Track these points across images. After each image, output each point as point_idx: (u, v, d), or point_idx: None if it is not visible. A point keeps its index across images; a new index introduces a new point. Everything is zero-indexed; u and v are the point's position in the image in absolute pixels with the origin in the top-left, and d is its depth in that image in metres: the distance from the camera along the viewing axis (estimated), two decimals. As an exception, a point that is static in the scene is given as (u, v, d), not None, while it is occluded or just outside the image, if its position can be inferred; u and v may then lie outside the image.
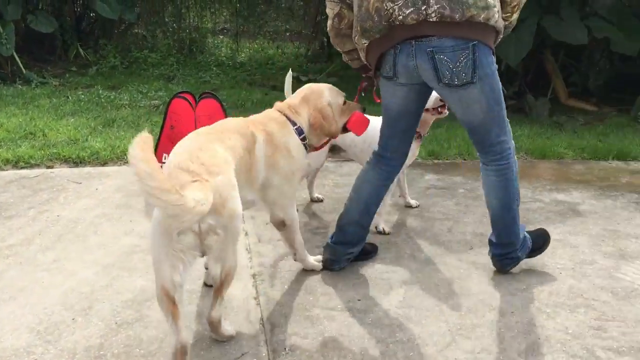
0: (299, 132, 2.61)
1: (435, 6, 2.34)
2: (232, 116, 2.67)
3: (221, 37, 11.26)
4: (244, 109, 6.43)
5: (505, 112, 2.62)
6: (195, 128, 3.79)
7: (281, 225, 2.69)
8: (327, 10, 2.77)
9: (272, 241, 3.19)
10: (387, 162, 2.84)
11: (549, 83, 7.03)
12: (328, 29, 2.79)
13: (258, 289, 2.71)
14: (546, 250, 3.02)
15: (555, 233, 3.35)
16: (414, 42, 2.44)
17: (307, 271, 2.88)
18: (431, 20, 2.36)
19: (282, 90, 3.66)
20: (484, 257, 3.07)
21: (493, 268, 2.93)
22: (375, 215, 3.00)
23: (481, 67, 2.43)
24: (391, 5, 2.42)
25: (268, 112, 2.64)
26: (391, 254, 3.10)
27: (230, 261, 2.16)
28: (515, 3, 2.48)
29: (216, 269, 2.13)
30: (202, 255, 2.09)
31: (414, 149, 3.44)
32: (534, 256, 2.94)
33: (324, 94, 2.70)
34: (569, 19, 6.42)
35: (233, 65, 9.37)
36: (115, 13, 8.60)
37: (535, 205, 3.84)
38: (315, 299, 2.63)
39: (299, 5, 10.57)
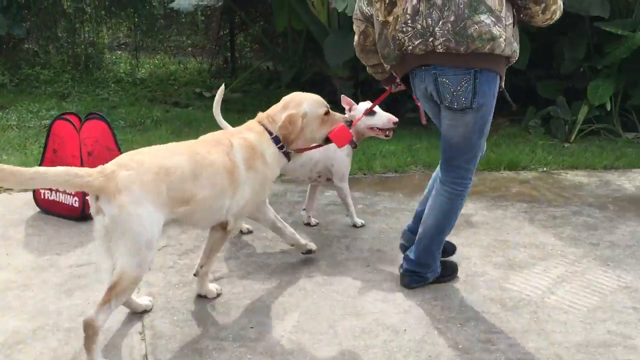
0: (276, 141, 2.68)
1: (442, 39, 2.46)
2: (127, 136, 2.54)
3: (119, 52, 10.86)
4: (144, 127, 6.19)
5: (481, 145, 2.74)
6: (80, 152, 3.60)
7: (223, 230, 2.68)
8: (354, 28, 2.88)
9: (162, 269, 3.04)
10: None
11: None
12: (354, 44, 2.92)
13: (144, 322, 2.56)
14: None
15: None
16: (423, 67, 2.59)
17: (199, 299, 2.76)
18: (438, 51, 2.49)
19: (185, 107, 3.54)
20: (379, 273, 3.07)
21: (389, 285, 2.94)
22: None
23: (481, 94, 2.53)
24: (402, 35, 2.55)
25: (248, 123, 2.75)
26: (288, 276, 3.04)
27: (123, 264, 2.16)
28: (547, 18, 2.54)
29: (108, 265, 2.19)
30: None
31: (346, 161, 3.43)
32: (435, 283, 2.97)
33: (302, 103, 2.74)
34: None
35: (133, 81, 9.05)
36: (2, 28, 8.11)
37: (431, 218, 3.91)
38: (205, 329, 2.52)
39: (201, 20, 10.39)
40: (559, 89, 6.55)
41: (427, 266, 2.89)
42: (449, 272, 3.03)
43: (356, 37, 2.90)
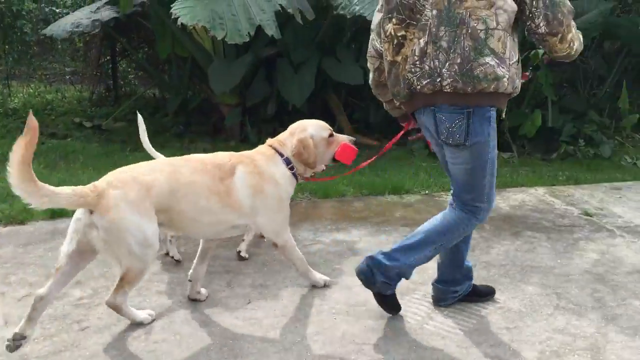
0: (287, 162, 3.00)
1: (449, 79, 2.54)
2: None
3: (-11, 82, 10.14)
4: (14, 162, 5.75)
5: (490, 181, 2.75)
6: None
7: (275, 246, 3.10)
8: (368, 65, 2.97)
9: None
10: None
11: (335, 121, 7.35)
12: (370, 81, 3.02)
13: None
14: (324, 294, 3.09)
15: (332, 275, 3.38)
16: (430, 107, 2.67)
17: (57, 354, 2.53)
18: (445, 91, 2.57)
19: (63, 137, 3.34)
20: (261, 310, 2.97)
21: (270, 321, 2.85)
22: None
23: (474, 133, 2.59)
24: (411, 75, 2.64)
25: (259, 147, 3.06)
26: (164, 320, 2.86)
27: (127, 261, 2.61)
28: (565, 47, 2.58)
29: (116, 266, 2.65)
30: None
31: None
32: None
33: (307, 128, 3.04)
34: (345, 61, 6.79)
35: (5, 112, 8.44)
36: None
37: (315, 247, 3.87)
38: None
39: (80, 47, 9.92)
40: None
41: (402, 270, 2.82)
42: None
43: (371, 74, 2.99)
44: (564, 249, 3.93)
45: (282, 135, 3.07)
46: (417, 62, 2.61)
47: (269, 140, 3.08)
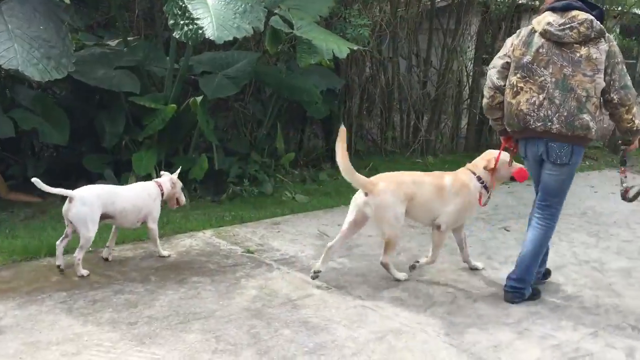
0: (479, 179, 4.35)
1: (557, 125, 3.78)
2: None
3: None
4: None
5: (568, 189, 4.04)
6: None
7: (438, 228, 4.32)
8: (485, 92, 4.13)
9: None
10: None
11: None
12: (484, 105, 4.17)
13: None
14: None
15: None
16: (537, 138, 3.90)
17: None
18: (552, 132, 3.81)
19: None
20: None
21: None
22: None
23: (574, 157, 3.87)
24: (529, 118, 3.85)
25: (460, 169, 4.46)
26: None
27: (387, 230, 4.17)
28: (629, 119, 3.83)
29: (380, 235, 4.27)
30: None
31: (159, 208, 4.67)
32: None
33: (492, 154, 4.37)
34: (-7, 112, 6.07)
35: None
36: None
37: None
38: None
39: None
40: (105, 162, 6.55)
41: (526, 282, 4.06)
42: (536, 294, 4.17)
43: (485, 100, 4.12)
44: (226, 290, 4.06)
45: (475, 162, 4.44)
46: (536, 110, 3.83)
47: (467, 165, 4.49)
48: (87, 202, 4.10)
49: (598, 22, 3.77)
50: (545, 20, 3.85)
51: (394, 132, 9.35)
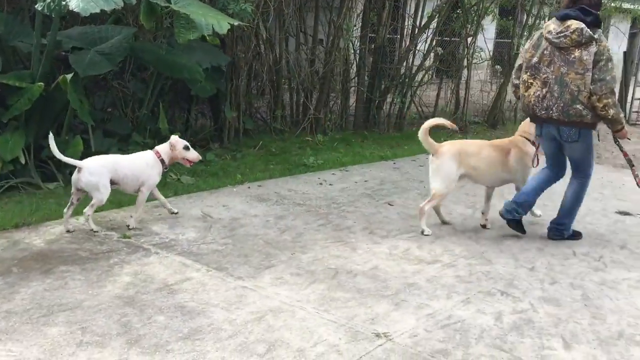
0: (532, 144, 5.13)
1: (556, 113, 4.68)
2: None
3: None
4: None
5: (592, 158, 4.92)
6: None
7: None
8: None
9: None
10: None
11: None
12: (513, 92, 5.28)
13: None
14: None
15: None
16: (546, 123, 4.83)
17: None
18: (553, 118, 4.72)
19: None
20: None
21: None
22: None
23: (582, 136, 4.72)
24: (535, 107, 4.80)
25: (515, 136, 5.29)
26: None
27: (436, 186, 5.04)
28: (600, 107, 4.58)
29: (432, 188, 5.11)
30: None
31: (157, 176, 5.02)
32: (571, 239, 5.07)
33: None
34: None
35: None
36: None
37: None
38: None
39: None
40: (-36, 146, 5.98)
41: (565, 225, 5.02)
42: (577, 235, 5.11)
43: (513, 89, 5.20)
44: (97, 278, 3.84)
45: (524, 127, 5.21)
46: (539, 101, 4.73)
47: (519, 131, 5.27)
48: (94, 171, 4.57)
49: (588, 30, 4.50)
50: (547, 28, 4.72)
51: (283, 110, 9.28)
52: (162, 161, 4.97)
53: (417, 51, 10.45)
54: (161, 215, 5.23)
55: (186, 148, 5.07)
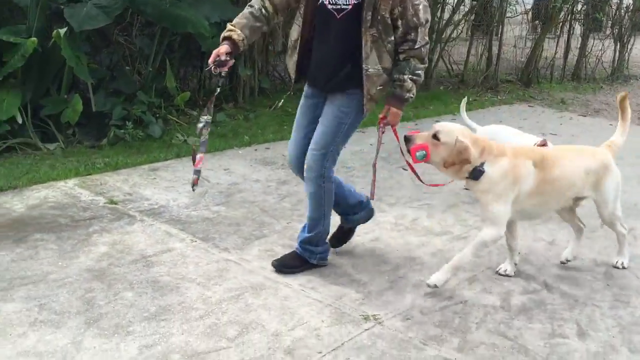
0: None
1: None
2: None
3: None
4: None
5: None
6: None
7: None
8: None
9: None
10: None
11: None
12: None
13: None
14: None
15: None
16: None
17: None
18: None
19: None
20: None
21: None
22: None
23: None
24: None
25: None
26: None
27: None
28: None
29: None
30: None
31: None
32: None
33: None
34: None
35: None
36: None
37: None
38: None
39: None
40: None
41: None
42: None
43: None
44: (71, 248, 3.57)
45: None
46: None
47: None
48: None
49: None
50: None
51: (301, 68, 8.82)
52: None
53: (446, 3, 9.79)
54: (155, 179, 4.93)
55: None
